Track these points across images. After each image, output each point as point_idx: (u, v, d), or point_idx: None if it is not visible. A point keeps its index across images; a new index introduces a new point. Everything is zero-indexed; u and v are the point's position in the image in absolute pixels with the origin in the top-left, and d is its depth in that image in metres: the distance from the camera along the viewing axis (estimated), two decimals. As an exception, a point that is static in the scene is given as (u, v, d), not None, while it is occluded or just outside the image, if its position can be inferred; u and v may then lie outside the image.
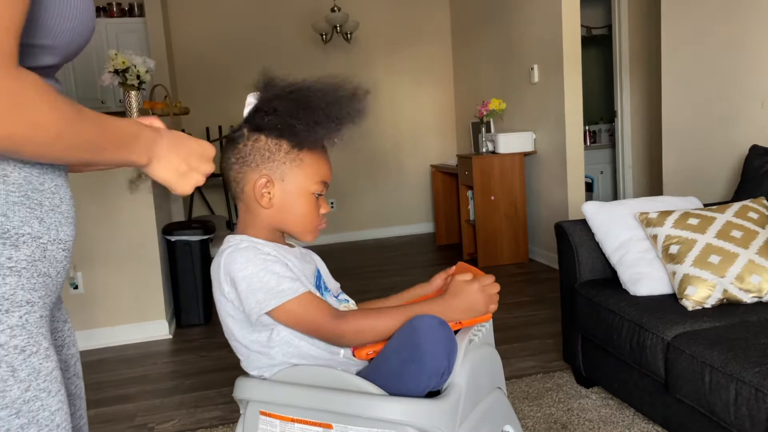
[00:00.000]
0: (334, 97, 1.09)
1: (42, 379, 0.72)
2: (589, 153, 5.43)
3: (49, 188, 0.77)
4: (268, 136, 1.11)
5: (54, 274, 0.77)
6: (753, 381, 1.48)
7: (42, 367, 0.73)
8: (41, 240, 0.74)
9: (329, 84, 1.10)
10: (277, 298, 1.06)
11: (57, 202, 0.78)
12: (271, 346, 1.11)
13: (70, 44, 0.77)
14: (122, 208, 3.25)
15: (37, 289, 0.73)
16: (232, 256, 1.09)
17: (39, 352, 0.72)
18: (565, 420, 2.14)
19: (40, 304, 0.74)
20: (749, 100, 2.85)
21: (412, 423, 1.00)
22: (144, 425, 2.37)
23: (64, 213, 0.79)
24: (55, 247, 0.76)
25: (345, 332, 1.08)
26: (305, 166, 1.14)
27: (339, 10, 5.42)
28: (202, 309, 3.57)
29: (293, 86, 1.10)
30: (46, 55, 0.75)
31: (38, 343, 0.72)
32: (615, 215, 2.25)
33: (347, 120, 1.10)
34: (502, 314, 3.35)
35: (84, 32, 0.79)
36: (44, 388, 0.73)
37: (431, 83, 6.17)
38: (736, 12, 2.88)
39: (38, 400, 0.72)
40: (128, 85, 3.45)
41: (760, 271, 1.90)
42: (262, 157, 1.12)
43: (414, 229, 6.21)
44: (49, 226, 0.76)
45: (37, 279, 0.73)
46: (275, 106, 1.09)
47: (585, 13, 4.95)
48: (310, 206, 1.16)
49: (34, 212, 0.74)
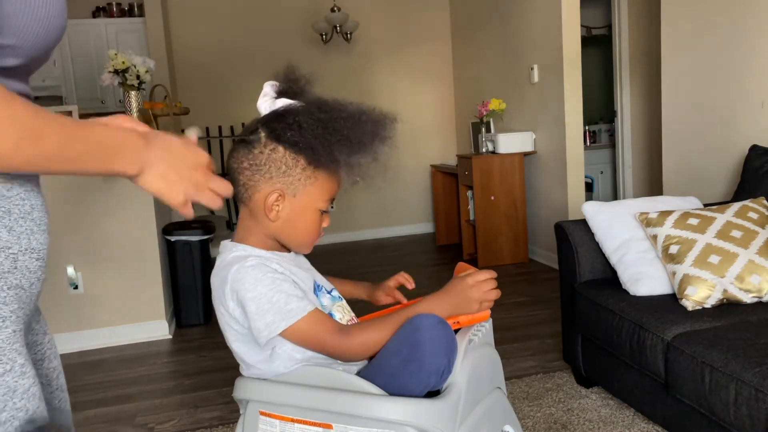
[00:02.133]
0: (359, 124, 1.07)
1: (18, 398, 0.69)
2: (589, 153, 5.43)
3: (18, 194, 0.72)
4: (288, 149, 1.08)
5: (27, 286, 0.72)
6: (753, 381, 1.48)
7: (18, 386, 0.69)
8: (11, 250, 0.70)
9: (354, 108, 1.08)
10: (286, 319, 1.04)
11: (27, 209, 0.73)
12: (272, 360, 1.11)
13: (35, 44, 0.71)
14: (122, 208, 3.25)
15: (9, 303, 0.69)
16: (239, 274, 1.07)
17: (13, 370, 0.69)
18: (565, 420, 2.14)
19: (12, 319, 0.69)
20: (749, 100, 2.85)
21: (412, 423, 1.00)
22: (144, 425, 2.37)
23: (36, 220, 0.74)
24: (26, 257, 0.72)
25: (350, 347, 1.07)
26: (319, 184, 1.12)
27: (339, 10, 5.42)
28: (201, 309, 3.56)
29: (320, 102, 1.08)
30: (7, 56, 0.70)
31: (12, 360, 0.69)
32: (615, 215, 2.25)
33: (370, 147, 1.08)
34: (502, 314, 3.35)
35: (51, 31, 0.72)
36: (21, 407, 0.69)
37: (431, 83, 6.17)
38: (735, 12, 2.88)
39: (15, 419, 0.68)
40: (128, 85, 3.45)
41: (760, 271, 1.90)
42: (278, 170, 1.09)
43: (414, 229, 6.21)
44: (20, 235, 0.71)
45: (7, 292, 0.69)
46: (301, 121, 1.05)
47: (585, 13, 4.95)
48: (314, 222, 1.14)
49: (2, 221, 0.69)
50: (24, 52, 0.70)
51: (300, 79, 1.11)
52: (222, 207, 0.89)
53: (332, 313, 1.17)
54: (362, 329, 1.10)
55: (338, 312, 1.19)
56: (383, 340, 1.08)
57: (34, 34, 0.70)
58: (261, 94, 1.12)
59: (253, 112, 1.14)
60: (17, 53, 0.70)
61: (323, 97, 1.09)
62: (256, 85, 1.16)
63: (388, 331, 1.08)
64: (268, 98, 1.11)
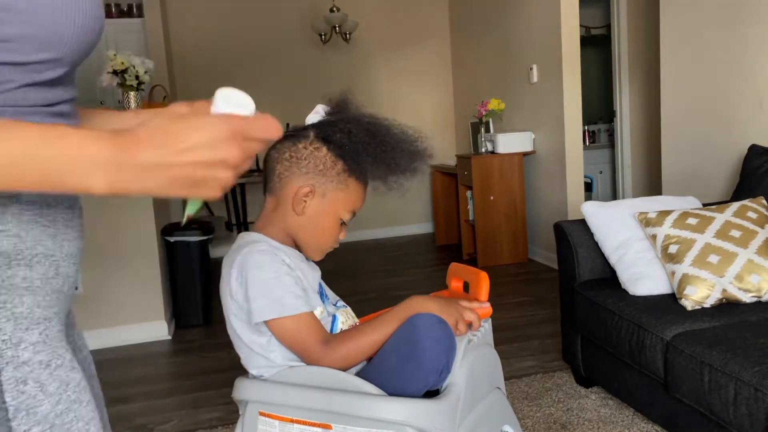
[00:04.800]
0: (407, 146, 1.12)
1: (71, 390, 0.72)
2: (588, 153, 5.42)
3: (63, 202, 0.74)
4: (331, 150, 1.12)
5: (66, 289, 0.76)
6: (752, 380, 1.48)
7: (70, 379, 0.72)
8: (54, 258, 0.73)
9: (404, 132, 1.14)
10: (277, 310, 1.06)
11: (70, 216, 0.76)
12: (270, 350, 1.11)
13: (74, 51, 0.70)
14: (121, 209, 3.25)
15: (53, 305, 0.73)
16: (249, 256, 1.09)
17: (64, 365, 0.72)
18: (565, 420, 2.14)
19: (56, 320, 0.73)
20: (748, 100, 2.85)
21: (411, 423, 1.00)
22: (143, 426, 2.37)
23: (75, 227, 0.77)
24: (66, 263, 0.75)
25: (333, 362, 1.07)
26: (348, 191, 1.15)
27: (338, 11, 5.42)
28: (201, 310, 3.56)
29: (372, 118, 1.13)
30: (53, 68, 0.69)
31: (62, 356, 0.72)
32: (614, 215, 2.25)
33: (403, 171, 1.13)
34: (501, 314, 3.35)
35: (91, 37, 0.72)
36: (75, 399, 0.72)
37: (430, 83, 6.17)
38: (734, 12, 2.88)
39: (71, 411, 0.71)
40: (127, 85, 3.45)
41: (759, 271, 1.90)
42: (316, 168, 1.13)
43: (413, 229, 6.21)
44: (62, 243, 0.74)
45: (51, 296, 0.72)
46: (351, 128, 1.11)
47: (584, 13, 4.95)
48: (332, 229, 1.17)
49: (47, 230, 0.72)
50: (66, 61, 0.71)
51: (350, 103, 1.16)
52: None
53: (336, 316, 1.18)
54: (346, 339, 1.09)
55: (342, 316, 1.20)
56: (364, 348, 1.08)
57: (75, 43, 0.70)
58: (312, 111, 1.17)
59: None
60: (61, 64, 0.70)
61: (372, 113, 1.14)
62: (256, 86, 1.17)
63: (368, 336, 1.08)
64: (318, 116, 1.16)
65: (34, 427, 0.68)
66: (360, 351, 1.09)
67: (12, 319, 0.68)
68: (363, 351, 1.09)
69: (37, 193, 0.69)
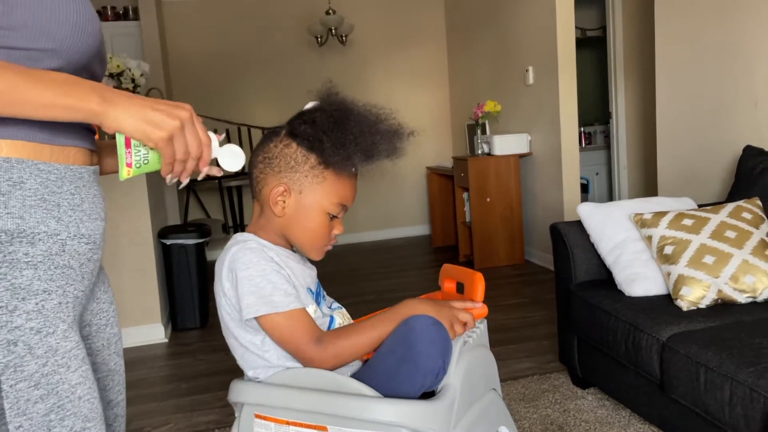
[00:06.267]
0: (372, 129, 1.08)
1: (60, 356, 0.80)
2: (584, 154, 5.44)
3: (68, 190, 0.85)
4: (300, 145, 1.11)
5: (77, 266, 0.85)
6: (747, 381, 1.49)
7: (59, 346, 0.80)
8: (59, 237, 0.82)
9: (372, 114, 1.10)
10: (266, 307, 1.06)
11: (77, 201, 0.86)
12: (264, 349, 1.11)
13: (71, 47, 0.82)
14: (118, 211, 3.25)
15: (55, 279, 0.81)
16: (239, 254, 1.09)
17: (56, 333, 0.80)
18: (562, 421, 2.14)
19: (59, 293, 0.82)
20: (743, 101, 2.86)
21: (406, 424, 1.00)
22: (140, 429, 2.36)
23: (86, 211, 0.87)
24: (75, 242, 0.84)
25: (325, 359, 1.06)
26: (326, 184, 1.12)
27: (334, 13, 5.43)
28: (198, 312, 3.56)
29: (339, 104, 1.10)
30: (50, 58, 0.81)
31: (55, 325, 0.80)
32: (610, 216, 2.25)
33: (379, 154, 1.09)
34: (498, 315, 3.36)
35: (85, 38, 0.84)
36: (63, 364, 0.80)
37: (426, 85, 6.18)
38: (729, 13, 2.89)
39: (56, 374, 0.80)
40: (123, 88, 3.45)
41: (754, 271, 1.91)
42: (287, 165, 1.11)
43: (410, 231, 6.22)
44: (68, 224, 0.83)
45: (54, 270, 0.81)
46: (315, 117, 1.08)
47: (579, 15, 4.97)
48: (320, 224, 1.14)
49: (51, 213, 0.82)
50: (63, 55, 0.82)
51: (336, 92, 1.13)
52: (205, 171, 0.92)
53: (333, 317, 1.18)
54: (338, 337, 1.08)
55: (338, 317, 1.20)
56: (357, 347, 1.08)
57: (70, 39, 0.82)
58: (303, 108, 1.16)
59: (249, 116, 1.16)
60: (58, 56, 0.81)
61: (348, 99, 1.11)
62: (251, 88, 1.17)
63: (368, 333, 1.08)
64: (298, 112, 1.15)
65: (21, 382, 0.78)
66: (352, 349, 1.08)
67: (10, 289, 0.78)
68: (355, 349, 1.08)
69: (40, 183, 0.81)
